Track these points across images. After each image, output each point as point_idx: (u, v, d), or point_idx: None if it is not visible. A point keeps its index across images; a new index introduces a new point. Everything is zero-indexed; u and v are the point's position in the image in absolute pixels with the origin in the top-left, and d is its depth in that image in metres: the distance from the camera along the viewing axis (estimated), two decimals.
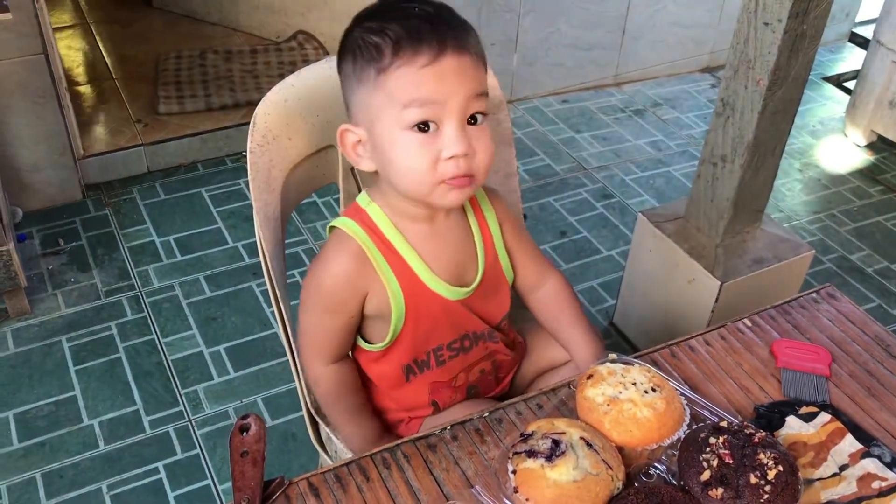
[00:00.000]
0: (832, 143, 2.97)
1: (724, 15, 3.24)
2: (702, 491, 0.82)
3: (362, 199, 1.04)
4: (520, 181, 1.36)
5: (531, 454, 0.83)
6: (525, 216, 1.22)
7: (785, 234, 1.85)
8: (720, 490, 0.81)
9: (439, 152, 0.92)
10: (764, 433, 0.86)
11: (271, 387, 1.89)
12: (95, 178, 2.50)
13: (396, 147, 0.93)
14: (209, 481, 1.69)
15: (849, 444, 0.93)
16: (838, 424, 0.95)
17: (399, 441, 0.93)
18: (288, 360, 1.18)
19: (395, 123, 0.92)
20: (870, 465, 0.91)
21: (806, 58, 1.56)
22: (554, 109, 3.05)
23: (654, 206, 2.18)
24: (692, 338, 1.09)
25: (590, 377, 0.93)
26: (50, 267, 2.20)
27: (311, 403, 1.19)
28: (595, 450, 0.84)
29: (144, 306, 2.09)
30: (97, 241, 2.29)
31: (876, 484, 0.89)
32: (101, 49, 3.11)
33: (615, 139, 2.90)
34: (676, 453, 0.88)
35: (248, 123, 1.09)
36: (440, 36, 0.90)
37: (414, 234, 1.02)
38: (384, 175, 0.98)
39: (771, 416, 0.97)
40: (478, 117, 0.94)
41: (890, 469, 0.90)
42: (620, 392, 0.90)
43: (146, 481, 1.68)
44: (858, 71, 2.91)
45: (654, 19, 3.12)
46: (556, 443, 0.84)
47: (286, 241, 1.19)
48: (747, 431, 0.86)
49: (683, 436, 0.89)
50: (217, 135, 2.63)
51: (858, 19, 3.68)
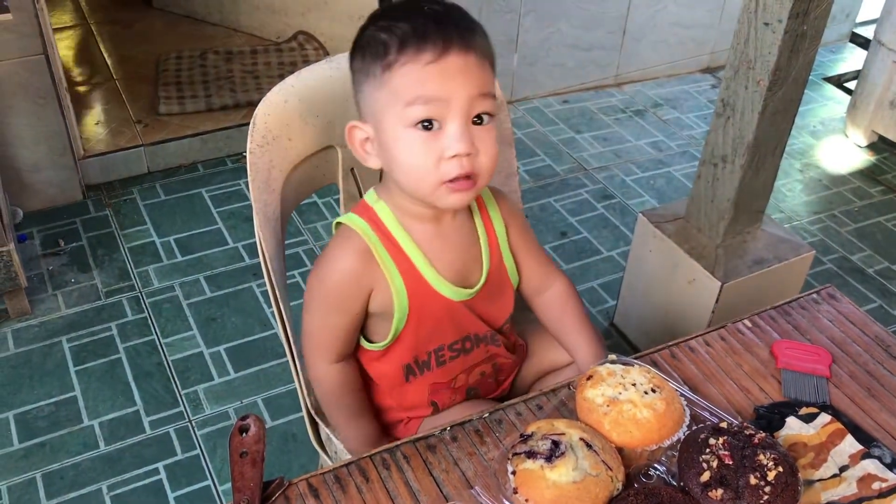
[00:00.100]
0: (833, 144, 2.97)
1: (725, 15, 3.24)
2: (701, 492, 0.82)
3: (370, 197, 1.04)
4: (520, 181, 1.36)
5: (531, 455, 0.83)
6: (525, 217, 1.22)
7: (785, 235, 1.85)
8: (720, 491, 0.81)
9: (442, 151, 0.91)
10: (764, 434, 0.86)
11: (271, 387, 1.89)
12: (96, 179, 2.50)
13: (400, 144, 0.93)
14: (209, 482, 1.69)
15: (849, 445, 0.93)
16: (838, 425, 0.95)
17: (399, 442, 0.93)
18: (288, 361, 1.18)
19: (399, 121, 0.92)
20: (870, 466, 0.90)
21: (806, 58, 1.56)
22: (554, 110, 3.05)
23: (655, 207, 2.18)
24: (692, 338, 1.09)
25: (589, 378, 0.93)
26: (50, 267, 2.20)
27: (312, 404, 1.19)
28: (595, 451, 0.84)
29: (145, 307, 2.09)
30: (97, 242, 2.29)
31: (876, 485, 0.89)
32: (102, 49, 3.11)
33: (616, 139, 2.90)
34: (676, 454, 0.88)
35: (249, 124, 1.09)
36: (446, 34, 0.90)
37: (420, 234, 1.02)
38: (389, 173, 0.98)
39: (771, 417, 0.97)
40: (483, 117, 0.93)
41: (890, 470, 0.90)
42: (620, 393, 0.90)
43: (146, 482, 1.68)
44: (859, 71, 2.91)
45: (655, 20, 3.12)
46: (556, 444, 0.84)
47: (286, 242, 1.19)
48: (747, 432, 0.86)
49: (683, 437, 0.89)
50: (217, 135, 2.63)
51: (859, 20, 3.68)
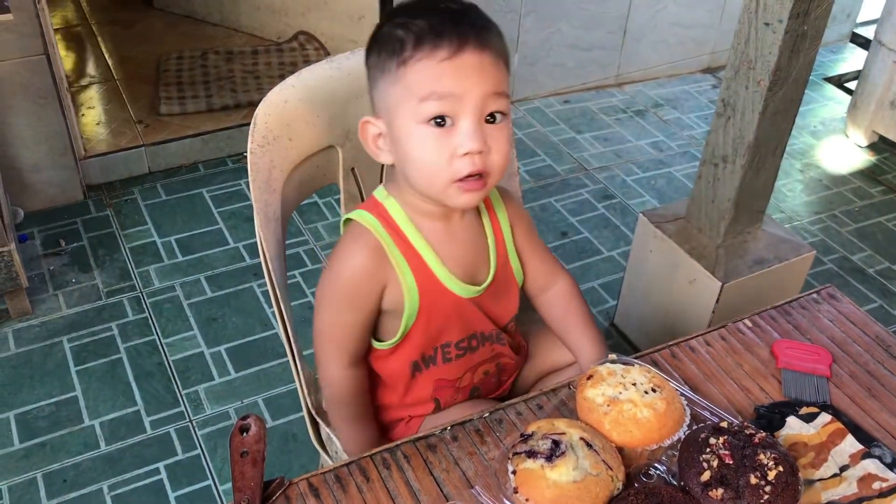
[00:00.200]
0: (833, 144, 2.97)
1: (725, 15, 3.24)
2: (702, 491, 0.82)
3: (380, 194, 1.04)
4: (521, 182, 1.36)
5: (531, 454, 0.83)
6: (530, 216, 1.22)
7: (786, 235, 1.85)
8: (720, 490, 0.81)
9: (455, 148, 0.92)
10: (764, 434, 0.86)
11: (272, 387, 1.89)
12: (96, 179, 2.50)
13: (412, 140, 0.93)
14: (210, 482, 1.69)
15: (849, 445, 0.93)
16: (839, 425, 0.95)
17: (399, 441, 0.93)
18: (289, 361, 1.18)
19: (413, 117, 0.92)
20: (870, 466, 0.90)
21: (807, 58, 1.56)
22: (555, 110, 3.05)
23: (655, 207, 2.18)
24: (692, 338, 1.09)
25: (590, 378, 0.93)
26: (51, 267, 2.20)
27: (312, 404, 1.19)
28: (595, 450, 0.84)
29: (145, 307, 2.09)
30: (98, 242, 2.29)
31: (876, 485, 0.89)
32: (103, 50, 3.12)
33: (616, 140, 2.90)
34: (676, 454, 0.88)
35: (249, 124, 1.09)
36: (462, 32, 0.91)
37: (429, 231, 1.03)
38: (401, 169, 0.99)
39: (771, 417, 0.97)
40: (496, 116, 0.94)
41: (890, 470, 0.90)
42: (620, 392, 0.90)
43: (147, 482, 1.68)
44: (859, 71, 2.91)
45: (655, 20, 3.12)
46: (556, 443, 0.84)
47: (287, 242, 1.19)
48: (747, 432, 0.86)
49: (683, 436, 0.89)
50: (218, 135, 2.64)
51: (859, 20, 3.68)
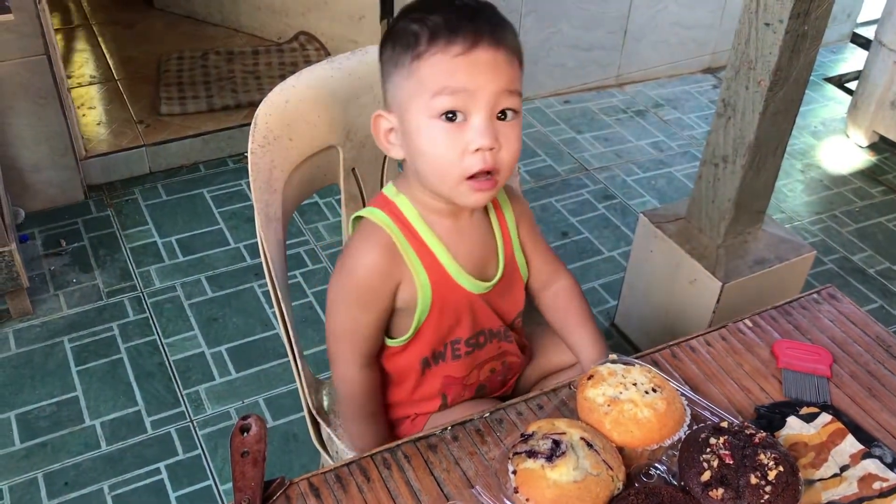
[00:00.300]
0: (834, 144, 2.97)
1: (726, 15, 3.24)
2: (702, 491, 0.82)
3: (389, 191, 1.04)
4: (521, 182, 1.36)
5: (532, 454, 0.83)
6: (533, 214, 1.22)
7: (786, 235, 1.85)
8: (720, 490, 0.81)
9: (466, 144, 0.92)
10: (764, 434, 0.86)
11: (273, 387, 1.89)
12: (97, 179, 2.50)
13: (423, 135, 0.94)
14: (210, 482, 1.69)
15: (850, 445, 0.93)
16: (839, 425, 0.95)
17: (400, 441, 0.93)
18: (289, 361, 1.18)
19: (425, 111, 0.93)
20: (871, 466, 0.91)
21: (807, 58, 1.56)
22: (555, 110, 3.05)
23: (656, 207, 2.18)
24: (693, 338, 1.09)
25: (590, 378, 0.93)
26: (52, 267, 2.20)
27: (313, 404, 1.19)
28: (595, 450, 0.84)
29: (146, 307, 2.09)
30: (99, 242, 2.29)
31: (877, 485, 0.89)
32: (103, 50, 3.12)
33: (617, 140, 2.90)
34: (677, 454, 0.88)
35: (250, 124, 1.09)
36: (476, 28, 0.91)
37: (440, 228, 1.03)
38: (412, 164, 0.99)
39: (772, 417, 0.97)
40: (508, 113, 0.94)
41: (891, 470, 0.90)
42: (621, 392, 0.90)
43: (148, 482, 1.68)
44: (860, 72, 2.91)
45: (656, 20, 3.12)
46: (557, 443, 0.84)
47: (287, 242, 1.19)
48: (748, 432, 0.86)
49: (684, 436, 0.89)
50: (219, 135, 2.64)
51: (860, 20, 3.68)
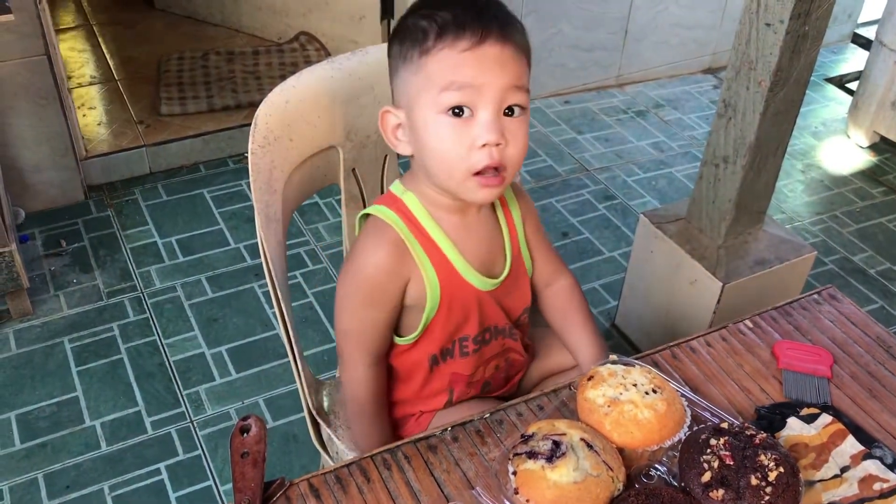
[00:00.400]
0: (834, 145, 2.97)
1: (726, 16, 3.24)
2: (702, 492, 0.82)
3: (397, 188, 1.04)
4: (522, 182, 1.36)
5: (532, 455, 0.83)
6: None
7: (787, 236, 1.84)
8: (721, 491, 0.81)
9: (473, 140, 0.92)
10: (765, 434, 0.86)
11: (273, 388, 1.89)
12: (97, 179, 2.50)
13: (430, 130, 0.94)
14: (210, 482, 1.69)
15: (850, 446, 0.93)
16: (839, 426, 0.95)
17: (400, 442, 0.93)
18: (289, 361, 1.18)
19: (432, 107, 0.93)
20: (871, 467, 0.90)
21: (808, 59, 1.56)
22: (556, 110, 3.05)
23: (656, 208, 2.18)
24: (693, 339, 1.09)
25: (590, 378, 0.93)
26: (52, 268, 2.20)
27: (313, 404, 1.19)
28: (596, 451, 0.84)
29: (146, 307, 2.09)
30: (99, 242, 2.29)
31: (877, 485, 0.89)
32: (104, 50, 3.12)
33: (617, 140, 2.90)
34: (677, 455, 0.88)
35: (250, 124, 1.09)
36: (484, 24, 0.91)
37: (448, 225, 1.03)
38: (419, 160, 0.99)
39: (772, 418, 0.97)
40: (515, 109, 0.94)
41: (891, 470, 0.90)
42: (621, 393, 0.90)
43: (148, 482, 1.68)
44: (861, 72, 2.91)
45: (657, 20, 3.12)
46: (557, 444, 0.84)
47: (287, 242, 1.19)
48: (748, 433, 0.86)
49: (684, 437, 0.89)
50: (219, 136, 2.64)
51: (861, 20, 3.68)
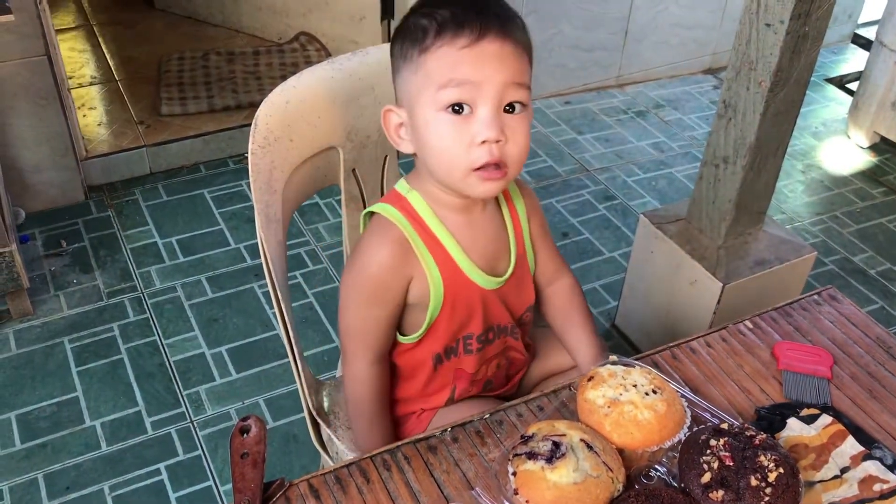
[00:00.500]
0: (834, 145, 2.97)
1: (727, 16, 3.24)
2: (702, 493, 0.82)
3: (402, 187, 1.04)
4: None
5: (531, 456, 0.83)
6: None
7: (787, 236, 1.84)
8: (721, 492, 0.81)
9: (473, 137, 0.92)
10: (765, 435, 0.86)
11: (273, 388, 1.89)
12: (98, 180, 2.50)
13: (430, 128, 0.94)
14: (211, 482, 1.69)
15: (850, 447, 0.93)
16: (839, 427, 0.95)
17: (399, 443, 0.93)
18: (289, 362, 1.18)
19: (432, 104, 0.93)
20: (871, 468, 0.90)
21: (808, 59, 1.56)
22: (556, 111, 3.05)
23: (656, 208, 2.18)
24: (693, 339, 1.09)
25: (590, 379, 0.93)
26: (52, 268, 2.20)
27: (313, 405, 1.19)
28: (595, 452, 0.84)
29: (146, 307, 2.09)
30: (99, 243, 2.29)
31: (877, 486, 0.89)
32: (104, 50, 3.12)
33: (617, 140, 2.90)
34: (677, 455, 0.88)
35: (250, 125, 1.09)
36: (483, 20, 0.91)
37: (452, 223, 1.03)
38: (421, 158, 0.99)
39: (772, 418, 0.97)
40: (515, 106, 0.94)
41: (891, 471, 0.90)
42: (621, 394, 0.90)
43: (148, 482, 1.68)
44: (861, 72, 2.91)
45: (657, 21, 3.12)
46: (557, 445, 0.83)
47: (288, 243, 1.19)
48: (748, 433, 0.86)
49: (684, 438, 0.89)
50: (219, 136, 2.64)
51: (861, 20, 3.68)
